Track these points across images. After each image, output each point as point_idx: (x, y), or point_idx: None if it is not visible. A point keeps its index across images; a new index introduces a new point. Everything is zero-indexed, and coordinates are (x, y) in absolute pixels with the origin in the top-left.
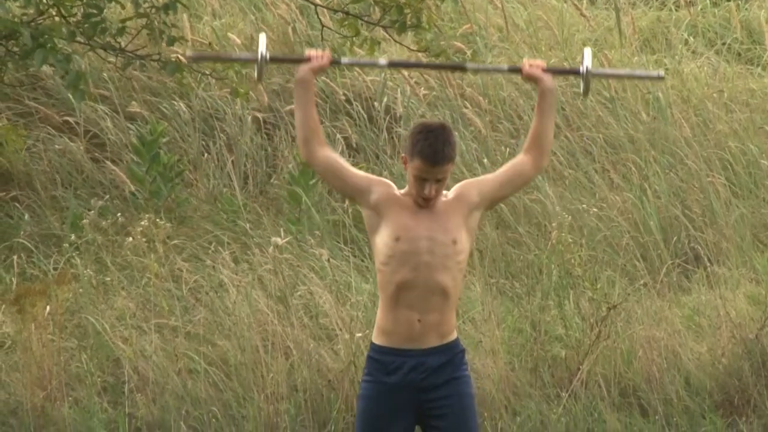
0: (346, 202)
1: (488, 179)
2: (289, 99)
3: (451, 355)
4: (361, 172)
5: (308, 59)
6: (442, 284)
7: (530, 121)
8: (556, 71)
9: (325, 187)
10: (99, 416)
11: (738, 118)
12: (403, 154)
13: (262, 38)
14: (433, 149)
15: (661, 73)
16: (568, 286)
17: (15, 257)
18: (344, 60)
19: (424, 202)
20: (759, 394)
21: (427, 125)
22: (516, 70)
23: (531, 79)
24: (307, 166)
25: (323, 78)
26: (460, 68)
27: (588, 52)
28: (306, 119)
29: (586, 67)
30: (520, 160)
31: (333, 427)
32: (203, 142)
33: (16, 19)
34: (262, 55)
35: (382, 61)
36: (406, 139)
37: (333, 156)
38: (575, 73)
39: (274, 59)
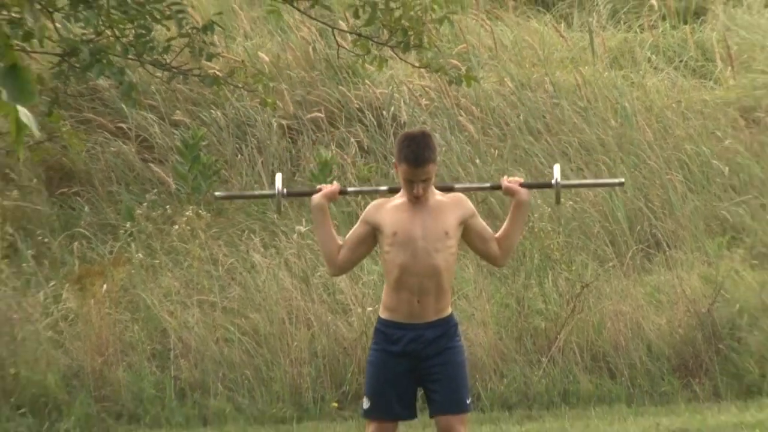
0: (359, 197)
1: (479, 222)
2: (311, 107)
3: (446, 328)
4: (358, 225)
5: (319, 190)
6: (436, 267)
7: (515, 128)
8: (531, 186)
9: (340, 185)
10: (148, 378)
11: (693, 124)
12: (394, 161)
13: (278, 177)
14: (415, 154)
15: (623, 180)
16: (547, 267)
17: (76, 243)
18: (350, 189)
19: (415, 200)
20: (710, 360)
21: (410, 134)
22: (497, 187)
23: (509, 193)
24: (338, 273)
25: (341, 87)
26: (450, 189)
27: (557, 168)
28: (327, 241)
29: (557, 180)
30: (494, 243)
31: (348, 388)
32: (237, 145)
33: (77, 38)
34: (279, 190)
35: (383, 187)
36: (394, 147)
37: (347, 249)
38: (548, 186)
39: (290, 194)
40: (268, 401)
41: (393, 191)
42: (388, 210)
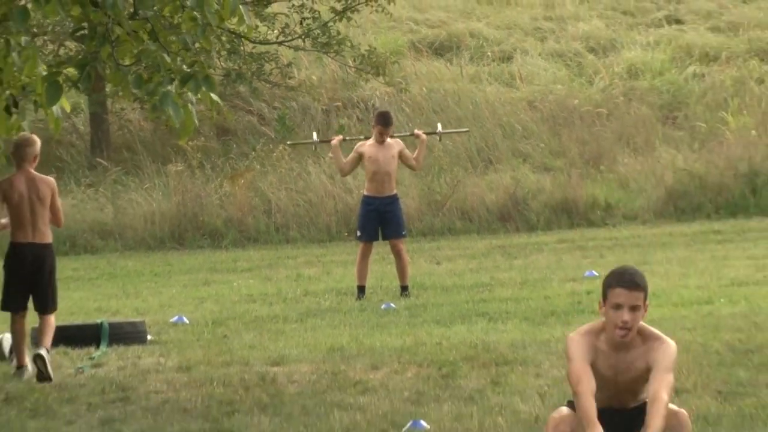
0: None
1: (406, 151)
2: (335, 100)
3: (394, 199)
4: (352, 154)
5: (332, 139)
6: (389, 172)
7: (428, 109)
8: (428, 133)
9: (343, 136)
10: (262, 222)
11: (506, 108)
12: (372, 127)
13: (314, 134)
14: (383, 117)
15: (467, 129)
16: (441, 173)
17: (229, 161)
18: (347, 138)
19: (381, 140)
20: (515, 214)
21: (382, 112)
22: (412, 134)
23: (417, 137)
24: (344, 175)
25: (348, 92)
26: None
27: (439, 125)
28: (338, 162)
29: (439, 130)
30: (413, 161)
31: (351, 226)
32: (302, 117)
33: (230, 68)
34: (315, 140)
35: (362, 137)
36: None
37: (350, 163)
38: (435, 132)
39: (321, 141)
40: (316, 232)
41: (367, 138)
42: (366, 147)
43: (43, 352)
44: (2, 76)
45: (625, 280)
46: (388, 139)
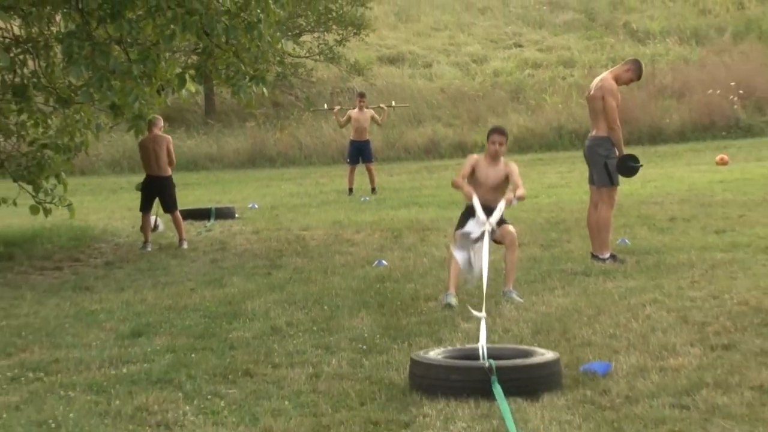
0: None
1: (375, 116)
2: (335, 87)
3: (367, 141)
4: (346, 115)
5: (335, 108)
6: (365, 127)
7: (389, 95)
8: (387, 105)
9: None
10: (296, 153)
11: (428, 93)
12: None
13: (325, 105)
14: (359, 92)
15: (408, 105)
16: (393, 128)
17: (280, 120)
18: (342, 107)
19: (360, 108)
20: (432, 152)
21: (360, 91)
22: (379, 106)
23: (381, 107)
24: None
25: (348, 83)
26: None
27: (393, 102)
28: (338, 121)
29: (393, 104)
30: (378, 120)
31: (344, 155)
32: (319, 97)
33: (272, 73)
34: (325, 108)
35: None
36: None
37: (344, 121)
38: (391, 106)
39: (329, 109)
40: (326, 159)
41: (354, 108)
42: (354, 113)
43: (184, 246)
44: (155, 74)
45: (498, 131)
46: (365, 109)
